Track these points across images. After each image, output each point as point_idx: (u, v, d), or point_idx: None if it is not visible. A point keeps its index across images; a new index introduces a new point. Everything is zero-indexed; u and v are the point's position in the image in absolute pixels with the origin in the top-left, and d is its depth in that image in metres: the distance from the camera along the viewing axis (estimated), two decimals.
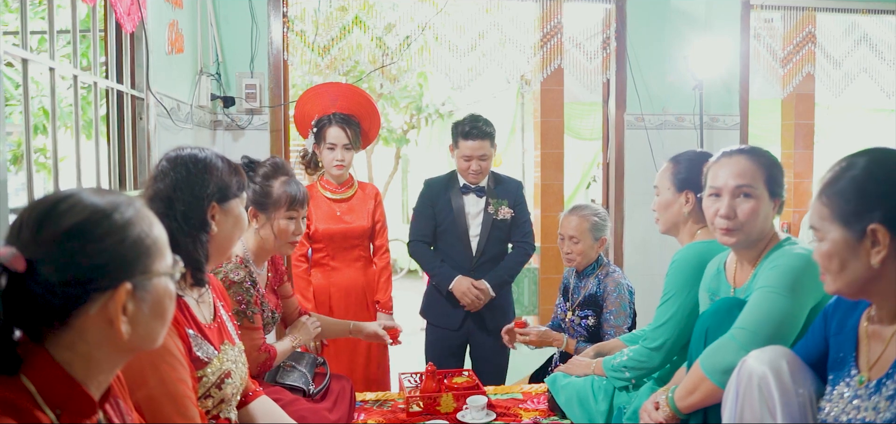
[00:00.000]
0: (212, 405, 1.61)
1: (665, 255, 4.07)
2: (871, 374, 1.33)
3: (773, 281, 1.71)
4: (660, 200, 2.27)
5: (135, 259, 1.02)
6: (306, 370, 2.38)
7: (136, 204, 1.07)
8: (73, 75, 2.31)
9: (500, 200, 3.15)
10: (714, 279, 2.00)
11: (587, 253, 2.84)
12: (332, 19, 3.86)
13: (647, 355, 2.18)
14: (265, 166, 2.29)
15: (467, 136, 3.07)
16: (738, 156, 1.84)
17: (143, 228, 1.04)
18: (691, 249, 2.15)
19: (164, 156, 1.64)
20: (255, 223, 2.24)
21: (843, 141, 7.37)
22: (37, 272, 0.95)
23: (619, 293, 2.77)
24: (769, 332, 1.64)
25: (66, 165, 2.65)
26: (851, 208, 1.28)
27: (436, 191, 3.20)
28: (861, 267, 1.28)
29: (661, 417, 1.84)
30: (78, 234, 0.98)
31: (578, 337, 2.80)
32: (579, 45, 4.17)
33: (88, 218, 0.99)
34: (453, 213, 3.13)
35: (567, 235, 2.86)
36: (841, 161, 1.34)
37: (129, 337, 1.02)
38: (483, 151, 3.08)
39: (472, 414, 2.37)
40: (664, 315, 2.15)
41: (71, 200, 1.01)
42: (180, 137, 3.13)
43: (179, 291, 1.57)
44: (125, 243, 1.01)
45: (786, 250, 1.78)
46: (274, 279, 2.44)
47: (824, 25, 4.43)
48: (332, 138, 3.04)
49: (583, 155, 8.28)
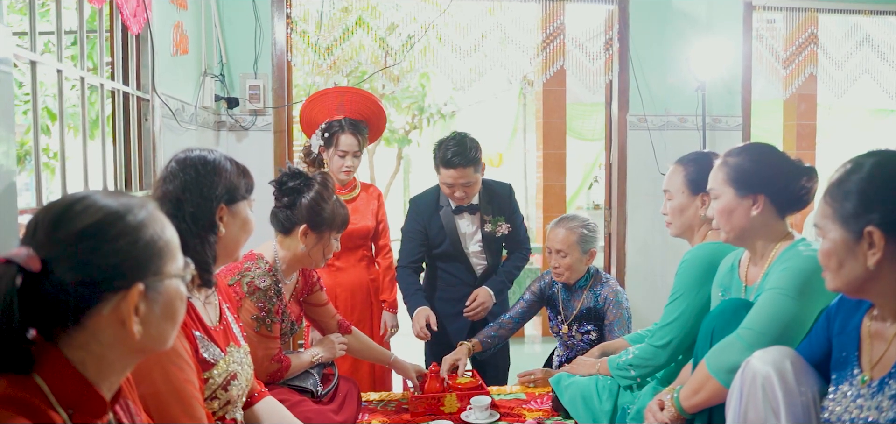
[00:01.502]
0: (218, 406, 1.62)
1: (667, 256, 4.11)
2: (873, 374, 1.34)
3: (782, 283, 1.70)
4: (674, 204, 2.22)
5: (147, 261, 1.03)
6: (315, 371, 2.39)
7: (149, 206, 1.08)
8: (80, 77, 2.32)
9: (497, 217, 3.04)
10: (727, 275, 2.00)
11: (576, 267, 2.73)
12: (335, 21, 3.88)
13: (653, 353, 2.18)
14: (317, 183, 2.25)
15: (448, 164, 2.85)
16: (718, 159, 1.91)
17: (156, 230, 1.06)
18: (702, 249, 2.15)
19: (173, 157, 1.65)
20: (304, 241, 2.22)
21: (845, 142, 7.38)
22: (51, 271, 0.96)
23: (618, 301, 2.72)
24: (776, 333, 1.64)
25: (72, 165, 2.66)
26: (851, 209, 1.29)
27: (424, 211, 3.06)
28: (858, 268, 1.30)
29: (666, 417, 1.84)
30: (92, 235, 0.99)
31: (581, 353, 2.76)
32: (582, 46, 4.18)
33: (103, 219, 1.01)
34: (447, 236, 3.02)
35: (554, 248, 2.73)
36: (848, 162, 1.35)
37: (141, 338, 1.03)
38: (466, 179, 2.87)
39: (475, 415, 2.38)
40: (672, 314, 2.15)
41: (86, 201, 1.02)
42: (185, 138, 3.15)
43: (186, 293, 1.58)
44: (138, 245, 1.02)
45: (798, 251, 1.77)
46: (302, 288, 2.43)
47: (826, 26, 4.43)
48: (344, 146, 3.03)
49: (585, 156, 8.29)
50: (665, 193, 2.27)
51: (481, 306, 2.98)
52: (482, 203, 3.03)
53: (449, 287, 3.10)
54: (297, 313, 2.39)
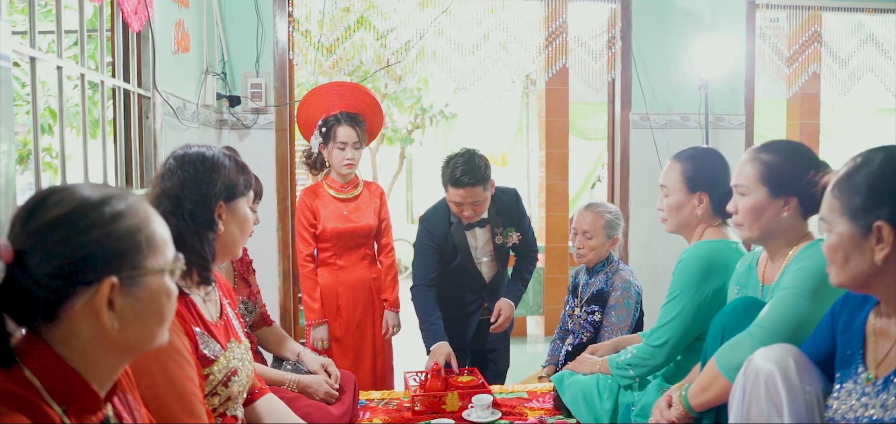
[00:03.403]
0: (218, 403, 1.61)
1: (670, 255, 4.08)
2: (878, 371, 1.32)
3: (797, 283, 1.69)
4: (670, 201, 2.21)
5: (122, 254, 0.99)
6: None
7: (132, 199, 1.04)
8: (81, 74, 2.32)
9: (507, 229, 3.01)
10: (745, 273, 1.98)
11: (599, 250, 2.85)
12: (336, 19, 3.87)
13: (650, 353, 2.17)
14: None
15: (457, 183, 2.77)
16: (749, 153, 1.85)
17: (135, 222, 1.01)
18: (699, 248, 2.13)
19: (172, 154, 1.64)
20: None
21: (849, 141, 7.36)
22: (24, 263, 0.94)
23: (625, 290, 2.76)
24: (787, 333, 1.62)
25: (73, 164, 2.66)
26: (860, 204, 1.28)
27: (437, 230, 2.99)
28: (865, 262, 1.29)
29: (673, 415, 1.82)
30: (62, 225, 0.96)
31: (584, 333, 2.80)
32: (584, 45, 4.17)
33: (74, 210, 0.98)
34: (459, 251, 2.99)
35: (581, 230, 2.87)
36: (857, 156, 1.34)
37: (122, 335, 1.00)
38: (475, 198, 2.80)
39: (477, 413, 2.37)
40: (669, 314, 2.14)
41: (62, 192, 1.00)
42: (186, 136, 3.14)
43: (186, 289, 1.58)
44: (111, 237, 0.98)
45: (813, 251, 1.74)
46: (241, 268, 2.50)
47: (830, 25, 4.42)
48: (342, 137, 3.02)
49: (588, 155, 8.29)
50: (662, 188, 2.25)
51: (506, 318, 2.98)
52: (491, 215, 2.98)
53: (456, 291, 3.09)
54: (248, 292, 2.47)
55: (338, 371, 2.42)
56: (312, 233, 3.07)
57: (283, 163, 3.85)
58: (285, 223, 3.86)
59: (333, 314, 3.09)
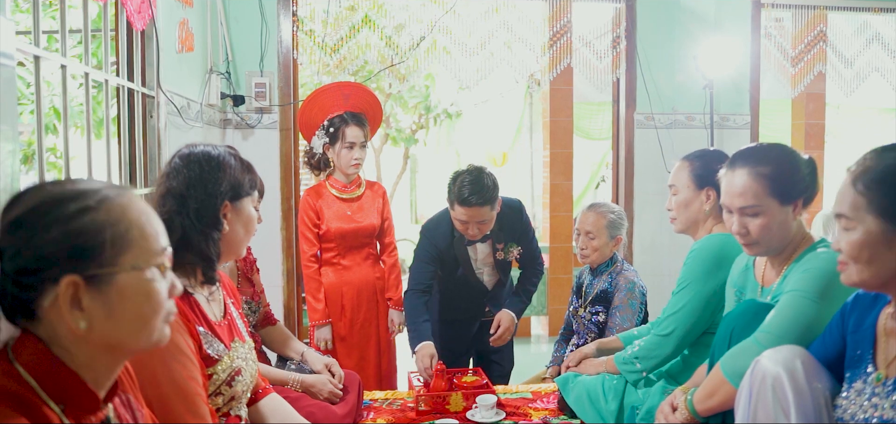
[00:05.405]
0: (222, 402, 1.61)
1: (675, 254, 4.08)
2: (888, 371, 1.31)
3: (804, 286, 1.67)
4: (678, 199, 2.23)
5: (86, 250, 0.96)
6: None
7: (111, 193, 1.01)
8: (85, 73, 2.31)
9: (509, 244, 2.98)
10: (741, 275, 1.97)
11: (602, 251, 2.84)
12: (341, 19, 3.87)
13: (658, 342, 2.16)
14: None
15: (464, 203, 2.70)
16: (741, 170, 1.77)
17: (102, 219, 0.97)
18: (710, 240, 2.14)
19: (177, 153, 1.63)
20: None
21: (854, 141, 7.33)
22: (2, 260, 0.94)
23: (629, 290, 2.75)
24: (796, 337, 1.59)
25: (77, 163, 2.65)
26: (892, 201, 1.25)
27: (439, 241, 2.96)
28: (892, 260, 1.26)
29: (678, 419, 1.80)
30: (24, 222, 0.96)
31: (589, 333, 2.79)
32: (589, 45, 4.16)
33: (38, 206, 0.96)
34: (460, 263, 2.97)
35: (584, 230, 2.86)
36: (875, 151, 1.31)
37: (94, 334, 0.97)
38: (481, 218, 2.73)
39: (481, 413, 2.36)
40: (678, 303, 2.13)
41: (35, 189, 0.99)
42: (190, 135, 3.14)
43: (190, 288, 1.57)
44: (71, 234, 0.95)
45: (819, 253, 1.73)
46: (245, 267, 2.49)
47: (835, 24, 4.40)
48: (351, 137, 3.02)
49: (592, 155, 8.27)
50: (670, 188, 2.27)
51: (506, 330, 2.94)
52: (494, 231, 2.92)
53: (458, 296, 3.09)
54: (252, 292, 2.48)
55: (341, 370, 2.42)
56: (316, 233, 3.07)
57: (288, 162, 3.85)
58: (289, 223, 3.85)
59: (338, 314, 3.09)
